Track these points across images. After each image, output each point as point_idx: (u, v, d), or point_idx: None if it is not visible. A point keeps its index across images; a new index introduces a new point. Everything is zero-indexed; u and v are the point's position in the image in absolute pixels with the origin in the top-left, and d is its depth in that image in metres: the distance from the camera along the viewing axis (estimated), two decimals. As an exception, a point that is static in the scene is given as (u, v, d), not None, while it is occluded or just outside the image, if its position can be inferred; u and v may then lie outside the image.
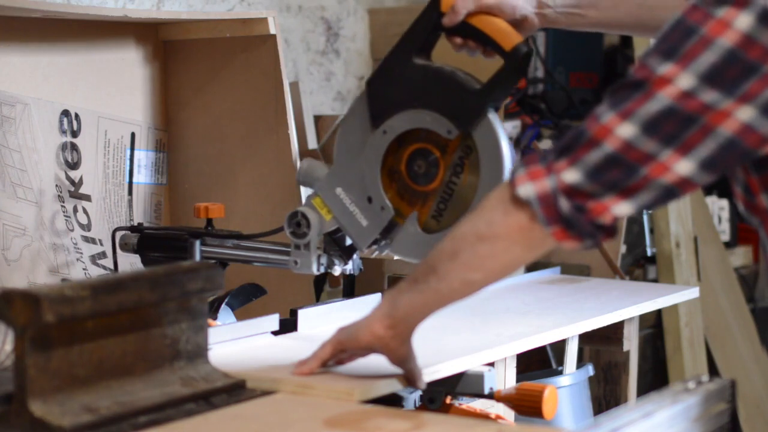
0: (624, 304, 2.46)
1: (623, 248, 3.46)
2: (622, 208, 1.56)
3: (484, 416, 1.97)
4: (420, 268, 1.71)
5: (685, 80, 1.50)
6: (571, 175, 1.55)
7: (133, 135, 2.68)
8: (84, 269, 2.53)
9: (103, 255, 2.57)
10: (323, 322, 2.17)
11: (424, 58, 1.98)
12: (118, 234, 2.35)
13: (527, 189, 1.58)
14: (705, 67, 1.50)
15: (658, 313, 3.68)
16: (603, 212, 1.56)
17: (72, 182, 2.54)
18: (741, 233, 4.09)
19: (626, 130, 1.53)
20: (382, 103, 2.00)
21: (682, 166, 1.53)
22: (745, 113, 1.50)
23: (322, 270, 2.09)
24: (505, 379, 2.19)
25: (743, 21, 1.49)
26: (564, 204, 1.56)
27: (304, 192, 2.57)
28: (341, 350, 1.79)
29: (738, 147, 1.52)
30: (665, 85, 1.51)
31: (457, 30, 2.00)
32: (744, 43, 1.49)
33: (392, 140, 2.01)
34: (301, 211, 2.08)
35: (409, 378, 1.79)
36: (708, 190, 4.02)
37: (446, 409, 1.96)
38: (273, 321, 2.11)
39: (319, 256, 2.08)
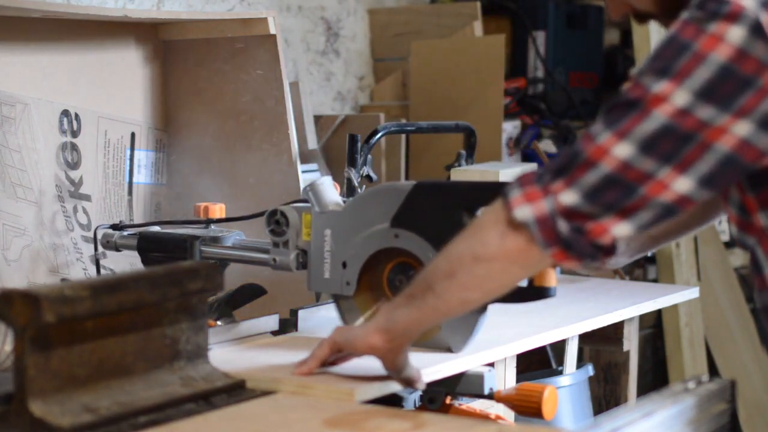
0: (624, 304, 2.46)
1: (623, 248, 3.46)
2: (621, 229, 1.55)
3: (484, 416, 1.97)
4: (416, 283, 1.71)
5: (681, 97, 1.50)
6: (569, 197, 1.55)
7: (133, 135, 2.68)
8: (84, 269, 2.53)
9: (103, 255, 2.57)
10: (323, 322, 2.17)
11: (470, 218, 1.90)
12: (99, 232, 2.36)
13: (524, 211, 1.57)
14: (700, 84, 1.49)
15: (658, 313, 3.68)
16: (602, 233, 1.55)
17: (72, 182, 2.54)
18: (741, 233, 4.08)
19: (623, 150, 1.52)
20: (412, 214, 1.95)
21: (681, 184, 1.52)
22: (742, 128, 1.50)
23: (301, 268, 2.09)
24: (505, 379, 2.19)
25: (735, 35, 1.49)
26: (562, 226, 1.56)
27: (304, 192, 2.57)
28: (338, 350, 1.79)
29: (736, 162, 1.51)
30: (660, 103, 1.51)
31: None
32: (737, 57, 1.49)
33: (396, 246, 1.98)
34: (281, 209, 2.08)
35: (407, 382, 1.79)
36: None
37: (446, 409, 1.96)
38: (273, 321, 2.12)
39: (297, 254, 2.08)
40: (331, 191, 2.06)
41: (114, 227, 2.35)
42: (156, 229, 2.33)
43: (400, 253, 1.98)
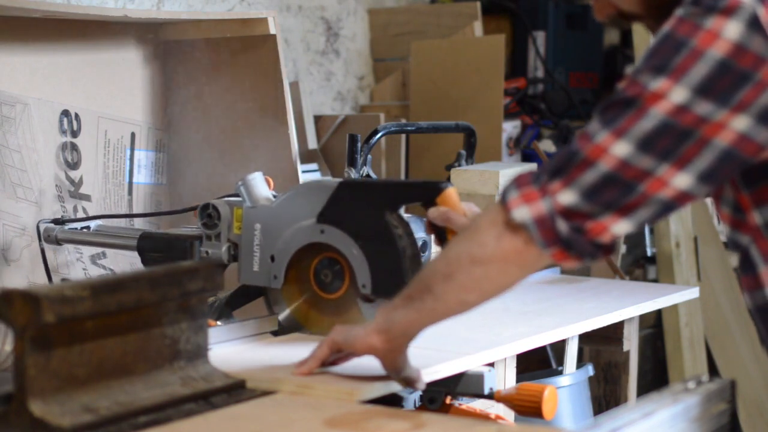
0: (624, 304, 2.46)
1: (623, 248, 3.47)
2: (621, 227, 1.55)
3: (484, 416, 1.97)
4: (414, 285, 1.71)
5: (679, 94, 1.50)
6: (567, 197, 1.55)
7: (133, 135, 2.68)
8: (84, 269, 2.53)
9: (102, 255, 2.57)
10: (323, 322, 2.17)
11: (391, 215, 1.97)
12: (42, 225, 2.39)
13: (522, 212, 1.57)
14: (697, 80, 1.49)
15: (658, 313, 3.68)
16: (602, 232, 1.55)
17: (72, 182, 2.54)
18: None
19: (621, 149, 1.52)
20: (337, 211, 2.01)
21: (680, 180, 1.52)
22: (741, 123, 1.50)
23: (233, 261, 2.14)
24: (505, 379, 2.19)
25: (732, 30, 1.48)
26: (562, 226, 1.55)
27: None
28: (338, 350, 1.79)
29: (735, 157, 1.51)
30: (658, 101, 1.50)
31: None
32: (735, 52, 1.48)
33: (321, 241, 2.03)
34: (213, 203, 2.14)
35: (407, 383, 1.79)
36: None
37: (446, 409, 1.96)
38: (273, 321, 2.12)
39: (228, 247, 2.13)
40: (262, 186, 2.12)
41: (55, 222, 2.39)
42: (98, 223, 2.37)
43: (325, 248, 2.04)
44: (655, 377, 3.74)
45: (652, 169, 1.52)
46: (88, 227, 2.37)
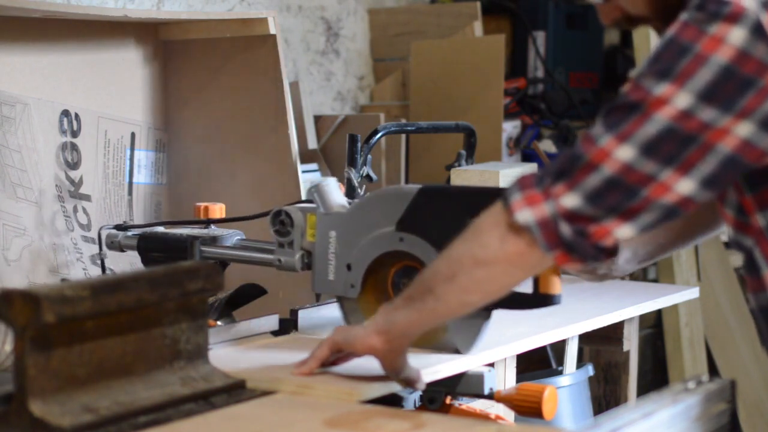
0: (624, 304, 2.46)
1: (623, 248, 3.46)
2: (624, 231, 1.55)
3: (484, 416, 1.97)
4: (416, 285, 1.71)
5: (682, 99, 1.50)
6: (571, 200, 1.55)
7: (133, 135, 2.68)
8: (84, 269, 2.53)
9: (104, 255, 2.57)
10: (323, 322, 2.17)
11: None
12: (104, 232, 2.34)
13: (526, 215, 1.57)
14: (701, 85, 1.49)
15: (658, 313, 3.68)
16: (605, 236, 1.55)
17: (72, 182, 2.54)
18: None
19: (625, 153, 1.52)
20: (417, 218, 1.95)
21: (683, 185, 1.52)
22: (744, 129, 1.50)
23: (306, 269, 2.08)
24: (505, 379, 2.19)
25: (736, 36, 1.49)
26: (565, 229, 1.56)
27: (304, 192, 2.57)
28: (338, 351, 1.79)
29: (738, 163, 1.52)
30: (662, 106, 1.51)
31: None
32: (739, 58, 1.49)
33: (401, 249, 1.98)
34: (285, 210, 2.08)
35: (407, 383, 1.79)
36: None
37: (446, 409, 1.96)
38: (273, 321, 2.12)
39: (302, 255, 2.07)
40: (336, 192, 2.06)
41: (118, 228, 2.34)
42: (160, 229, 2.33)
43: (404, 257, 1.97)
44: (655, 377, 3.74)
45: (656, 174, 1.52)
46: None
